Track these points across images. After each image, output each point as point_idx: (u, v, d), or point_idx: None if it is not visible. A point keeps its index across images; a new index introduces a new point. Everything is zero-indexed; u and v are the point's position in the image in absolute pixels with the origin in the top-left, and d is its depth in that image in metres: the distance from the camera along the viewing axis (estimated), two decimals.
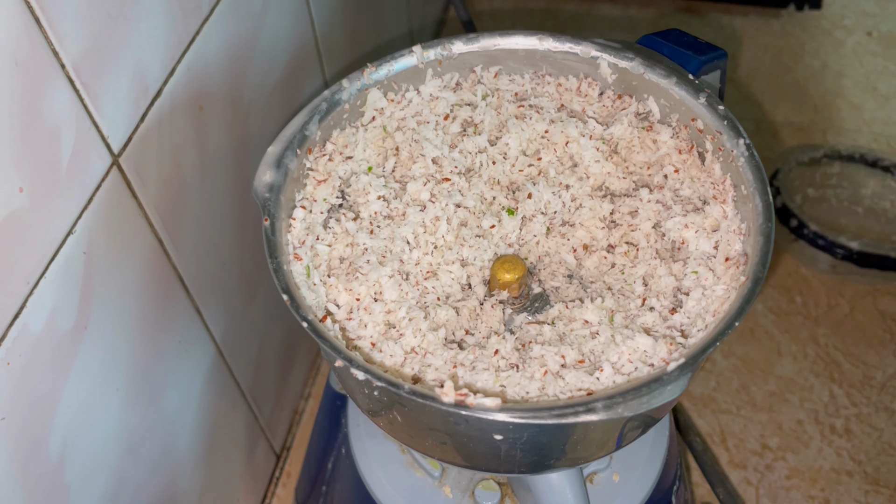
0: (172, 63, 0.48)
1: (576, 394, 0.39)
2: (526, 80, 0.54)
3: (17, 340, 0.37)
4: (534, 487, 0.47)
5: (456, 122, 0.52)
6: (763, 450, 0.82)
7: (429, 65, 0.52)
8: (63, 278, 0.40)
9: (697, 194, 0.48)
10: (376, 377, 0.37)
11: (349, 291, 0.44)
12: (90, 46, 0.40)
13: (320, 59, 0.72)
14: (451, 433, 0.41)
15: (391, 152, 0.51)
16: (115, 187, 0.44)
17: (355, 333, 0.42)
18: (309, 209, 0.47)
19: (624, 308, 0.44)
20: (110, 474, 0.48)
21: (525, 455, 0.41)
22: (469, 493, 0.55)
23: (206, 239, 0.56)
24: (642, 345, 0.40)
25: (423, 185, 0.49)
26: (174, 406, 0.55)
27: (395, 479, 0.56)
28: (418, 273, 0.46)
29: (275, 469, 0.79)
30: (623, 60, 0.51)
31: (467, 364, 0.41)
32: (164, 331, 0.52)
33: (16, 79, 0.35)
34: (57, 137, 0.38)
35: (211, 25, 0.51)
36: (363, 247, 0.46)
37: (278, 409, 0.78)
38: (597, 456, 0.45)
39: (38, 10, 0.36)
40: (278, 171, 0.46)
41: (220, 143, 0.56)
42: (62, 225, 0.40)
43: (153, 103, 0.46)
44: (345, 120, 0.51)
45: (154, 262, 0.49)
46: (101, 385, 0.45)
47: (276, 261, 0.42)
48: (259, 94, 0.60)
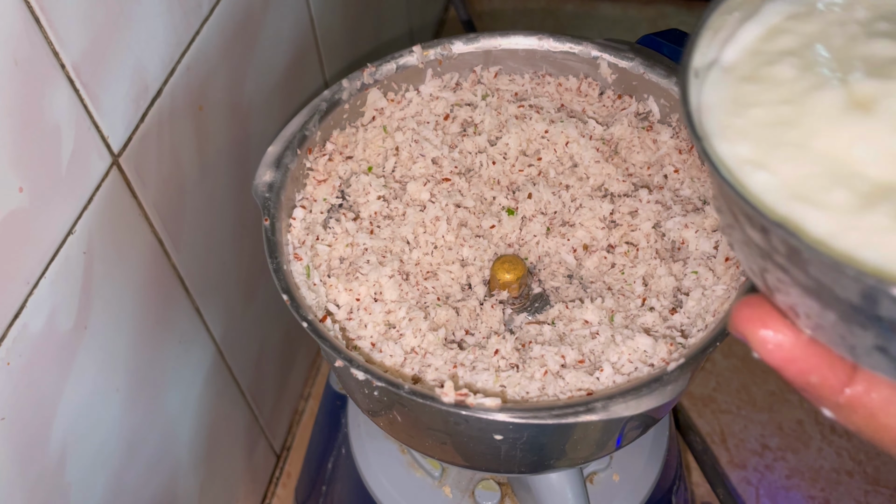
0: (172, 63, 0.48)
1: (576, 394, 0.39)
2: (526, 80, 0.54)
3: (17, 340, 0.37)
4: (534, 487, 0.47)
5: (456, 122, 0.52)
6: (763, 450, 0.82)
7: (429, 65, 0.52)
8: (63, 278, 0.40)
9: (697, 194, 0.48)
10: (376, 377, 0.37)
11: (349, 291, 0.44)
12: (90, 46, 0.40)
13: (320, 59, 0.72)
14: (451, 433, 0.41)
15: (391, 152, 0.51)
16: (114, 187, 0.44)
17: (355, 333, 0.42)
18: (309, 209, 0.47)
19: (624, 308, 0.44)
20: (110, 474, 0.48)
21: (525, 455, 0.41)
22: (469, 493, 0.55)
23: (206, 239, 0.56)
24: (642, 345, 0.40)
25: (422, 185, 0.49)
26: (174, 406, 0.55)
27: (395, 479, 0.56)
28: (418, 273, 0.46)
29: (275, 469, 0.79)
30: (623, 60, 0.51)
31: (467, 364, 0.41)
32: (163, 331, 0.52)
33: (15, 79, 0.35)
34: (57, 137, 0.38)
35: (211, 25, 0.51)
36: (363, 247, 0.46)
37: (278, 409, 0.78)
38: (597, 456, 0.45)
39: (37, 9, 0.36)
40: (278, 171, 0.46)
41: (219, 142, 0.56)
42: (62, 225, 0.40)
43: (153, 103, 0.46)
44: (345, 120, 0.51)
45: (154, 262, 0.49)
46: (101, 385, 0.45)
47: (275, 261, 0.42)
48: (259, 94, 0.60)
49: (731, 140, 0.26)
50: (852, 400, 0.23)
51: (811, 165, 0.25)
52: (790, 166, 0.25)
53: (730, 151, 0.25)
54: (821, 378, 0.24)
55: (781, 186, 0.25)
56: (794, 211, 0.24)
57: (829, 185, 0.24)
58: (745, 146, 0.26)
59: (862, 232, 0.23)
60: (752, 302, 0.25)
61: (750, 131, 0.26)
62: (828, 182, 0.24)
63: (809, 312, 0.23)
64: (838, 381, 0.24)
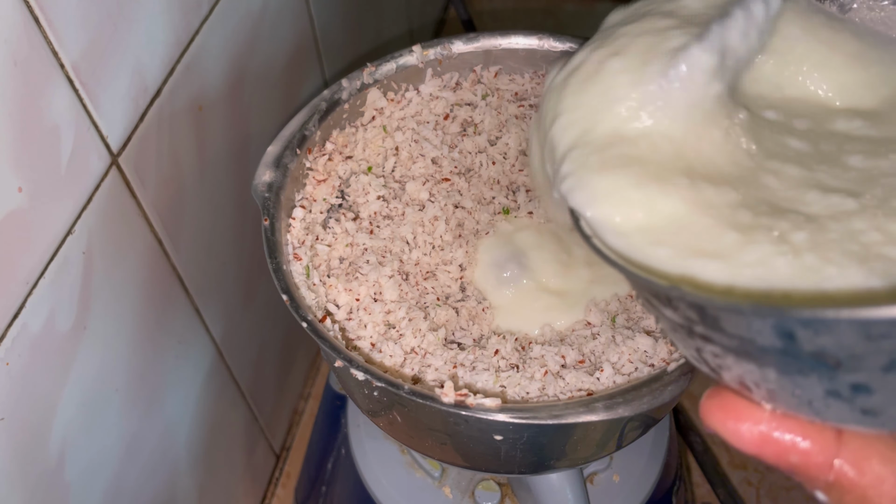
0: (172, 62, 0.47)
1: (576, 394, 0.39)
2: (526, 79, 0.54)
3: (16, 340, 0.37)
4: (534, 488, 0.47)
5: (456, 121, 0.52)
6: None
7: (429, 64, 0.52)
8: (62, 278, 0.40)
9: None
10: (376, 377, 0.37)
11: (349, 291, 0.44)
12: (89, 46, 0.39)
13: (320, 59, 0.72)
14: (451, 433, 0.41)
15: (391, 152, 0.51)
16: (114, 187, 0.44)
17: (355, 334, 0.42)
18: (308, 209, 0.47)
19: (627, 310, 0.44)
20: (110, 474, 0.48)
21: (525, 455, 0.41)
22: (469, 493, 0.54)
23: (205, 239, 0.56)
24: (642, 345, 0.40)
25: (421, 184, 0.48)
26: (174, 406, 0.55)
27: (395, 479, 0.56)
28: (418, 273, 0.46)
29: (274, 469, 0.79)
30: None
31: (467, 364, 0.40)
32: (163, 331, 0.52)
33: (15, 78, 0.35)
34: (56, 137, 0.38)
35: (210, 25, 0.51)
36: (363, 247, 0.46)
37: (278, 410, 0.78)
38: (597, 456, 0.45)
39: (37, 9, 0.35)
40: (278, 171, 0.46)
41: (219, 142, 0.56)
42: (61, 225, 0.40)
43: (152, 103, 0.46)
44: (344, 120, 0.51)
45: (153, 263, 0.49)
46: (100, 385, 0.45)
47: (275, 261, 0.42)
48: (259, 93, 0.60)
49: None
50: (841, 478, 0.23)
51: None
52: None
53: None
54: (801, 456, 0.23)
55: (675, 249, 0.25)
56: (691, 267, 0.25)
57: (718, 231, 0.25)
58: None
59: (751, 267, 0.24)
60: (714, 394, 0.25)
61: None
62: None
63: (756, 380, 0.23)
64: (822, 455, 0.23)
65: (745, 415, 0.24)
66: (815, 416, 0.22)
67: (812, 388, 0.21)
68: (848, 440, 0.23)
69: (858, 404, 0.21)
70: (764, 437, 0.23)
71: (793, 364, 0.21)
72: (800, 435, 0.23)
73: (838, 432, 0.23)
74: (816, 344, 0.20)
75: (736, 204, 0.26)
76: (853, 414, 0.22)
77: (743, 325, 0.21)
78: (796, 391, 0.22)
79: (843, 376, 0.20)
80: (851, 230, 0.24)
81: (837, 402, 0.21)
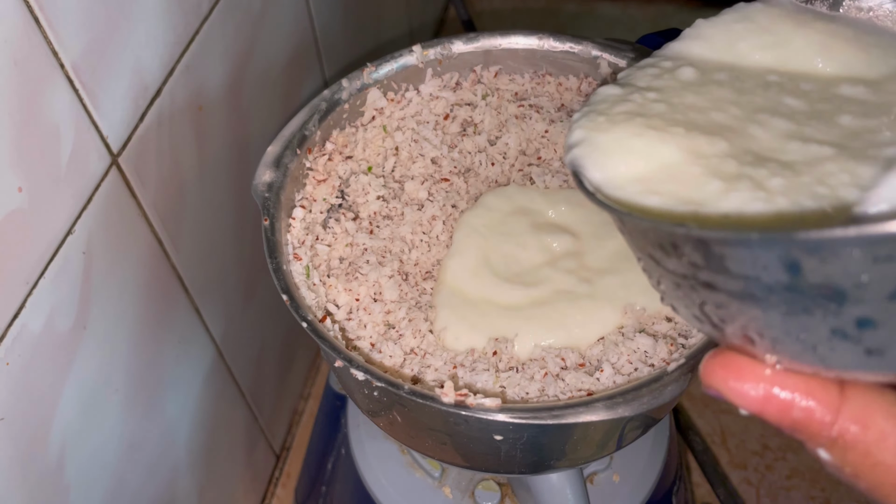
0: (172, 62, 0.47)
1: (576, 394, 0.39)
2: (526, 79, 0.54)
3: (16, 340, 0.37)
4: (534, 488, 0.47)
5: (455, 121, 0.52)
6: (763, 450, 0.82)
7: (429, 64, 0.52)
8: (62, 278, 0.40)
9: None
10: (376, 377, 0.37)
11: (349, 291, 0.44)
12: (89, 46, 0.39)
13: (320, 59, 0.72)
14: (451, 433, 0.41)
15: (391, 152, 0.51)
16: (114, 187, 0.44)
17: (355, 334, 0.42)
18: (308, 209, 0.47)
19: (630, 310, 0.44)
20: (110, 474, 0.48)
21: (525, 455, 0.41)
22: (469, 493, 0.54)
23: (205, 239, 0.56)
24: (642, 345, 0.40)
25: (420, 184, 0.48)
26: (173, 406, 0.55)
27: (395, 479, 0.56)
28: (417, 273, 0.46)
29: (274, 469, 0.79)
30: (624, 60, 0.51)
31: (467, 364, 0.40)
32: (163, 331, 0.52)
33: (15, 79, 0.35)
34: (56, 137, 0.38)
35: (210, 25, 0.51)
36: (363, 247, 0.46)
37: (278, 410, 0.78)
38: (597, 456, 0.45)
39: (37, 9, 0.35)
40: (278, 171, 0.46)
41: (219, 142, 0.56)
42: (61, 225, 0.40)
43: (152, 103, 0.46)
44: (344, 119, 0.51)
45: (153, 262, 0.49)
46: (100, 385, 0.45)
47: (275, 261, 0.42)
48: (259, 93, 0.60)
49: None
50: (844, 434, 0.23)
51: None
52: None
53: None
54: (804, 412, 0.23)
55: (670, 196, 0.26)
56: (689, 207, 0.25)
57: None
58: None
59: (744, 193, 0.24)
60: (716, 354, 0.25)
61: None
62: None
63: (760, 328, 0.23)
64: (826, 412, 0.23)
65: (748, 372, 0.24)
66: (821, 363, 0.22)
67: (817, 328, 0.21)
68: (851, 395, 0.23)
69: (864, 343, 0.21)
70: (767, 395, 0.23)
71: (798, 302, 0.21)
72: (802, 391, 0.23)
73: (841, 388, 0.23)
74: (822, 273, 0.19)
75: (724, 154, 0.27)
76: (858, 357, 0.21)
77: (749, 260, 0.21)
78: (801, 335, 0.22)
79: (848, 309, 0.20)
80: (822, 173, 0.24)
81: (843, 343, 0.21)
